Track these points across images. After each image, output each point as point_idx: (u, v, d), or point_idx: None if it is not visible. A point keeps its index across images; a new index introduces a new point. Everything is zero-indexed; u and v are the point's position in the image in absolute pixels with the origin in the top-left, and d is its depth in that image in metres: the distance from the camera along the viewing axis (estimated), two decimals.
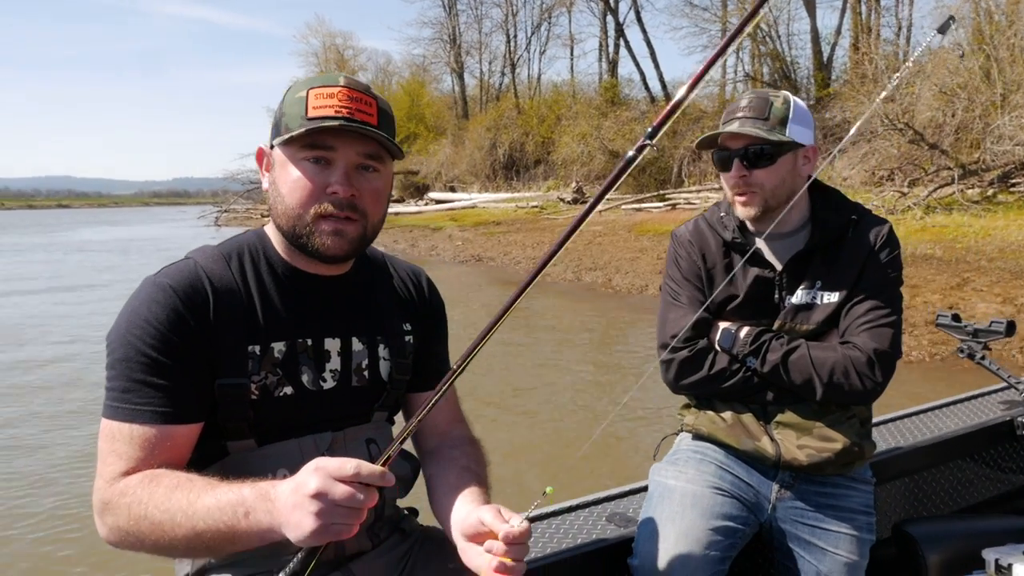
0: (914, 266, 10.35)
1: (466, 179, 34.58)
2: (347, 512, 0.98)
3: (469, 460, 1.37)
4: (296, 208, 1.20)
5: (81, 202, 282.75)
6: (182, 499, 1.06)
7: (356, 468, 0.97)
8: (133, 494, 1.09)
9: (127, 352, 1.14)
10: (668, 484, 1.82)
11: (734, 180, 1.77)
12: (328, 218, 1.20)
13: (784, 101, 1.77)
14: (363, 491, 0.98)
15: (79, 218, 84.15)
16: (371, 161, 1.23)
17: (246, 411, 1.20)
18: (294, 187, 1.20)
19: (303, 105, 1.19)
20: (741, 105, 1.79)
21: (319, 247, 1.22)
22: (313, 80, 1.22)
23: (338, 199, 1.20)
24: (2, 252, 27.77)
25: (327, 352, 1.29)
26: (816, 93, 23.56)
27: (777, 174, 1.75)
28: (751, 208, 1.78)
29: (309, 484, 0.97)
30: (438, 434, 1.44)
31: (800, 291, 1.79)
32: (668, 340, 1.85)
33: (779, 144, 1.73)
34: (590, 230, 18.54)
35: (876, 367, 1.69)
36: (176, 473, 1.11)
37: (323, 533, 0.98)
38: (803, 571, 1.79)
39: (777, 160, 1.75)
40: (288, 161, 1.21)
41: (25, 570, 3.88)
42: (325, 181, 1.20)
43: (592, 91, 34.18)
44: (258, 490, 1.03)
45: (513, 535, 1.06)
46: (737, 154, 1.76)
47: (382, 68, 51.66)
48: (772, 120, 1.74)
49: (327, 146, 1.19)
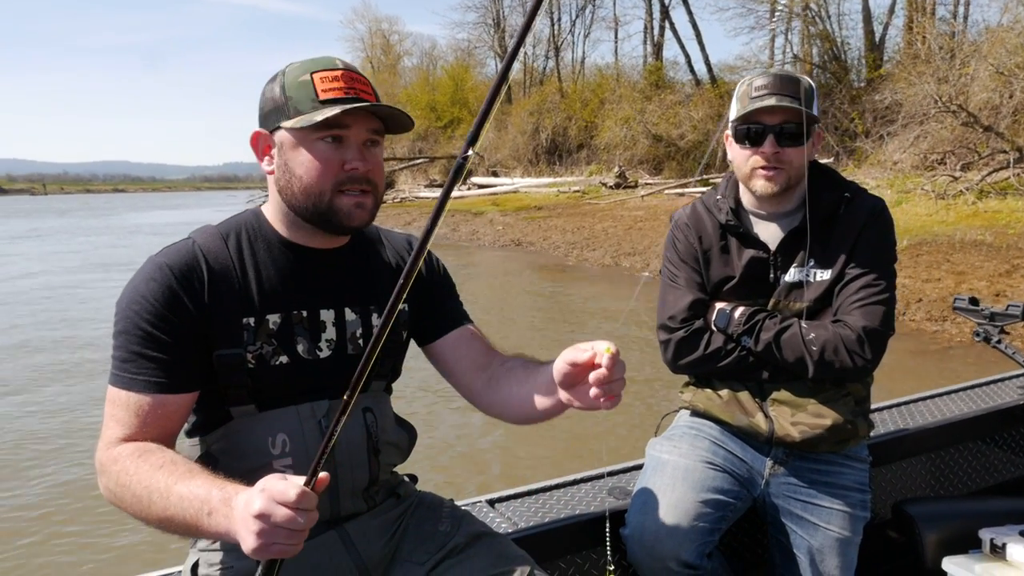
0: (962, 252, 10.09)
1: (509, 164, 34.59)
2: (288, 534, 1.02)
3: (518, 360, 1.46)
4: (316, 186, 1.28)
5: (136, 187, 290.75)
6: (161, 481, 1.13)
7: (298, 495, 1.01)
8: (123, 464, 1.18)
9: (127, 325, 1.25)
10: (662, 458, 1.89)
11: (767, 156, 1.76)
12: (346, 193, 1.29)
13: (809, 83, 1.80)
14: (303, 515, 1.02)
15: (135, 202, 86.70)
16: (377, 136, 1.32)
17: (244, 379, 1.30)
18: (311, 166, 1.28)
19: (311, 88, 1.26)
20: (770, 82, 1.77)
21: (343, 221, 1.30)
22: (311, 64, 1.29)
23: (357, 174, 1.29)
24: (76, 234, 28.79)
25: (323, 323, 1.37)
26: (867, 75, 22.91)
27: (804, 154, 1.78)
28: (775, 185, 1.78)
29: (253, 504, 1.02)
30: (480, 369, 1.50)
31: (793, 270, 1.82)
32: (666, 321, 1.91)
33: (810, 124, 1.75)
34: (631, 215, 18.44)
35: (866, 344, 1.72)
36: (165, 453, 1.20)
37: (263, 551, 1.03)
38: (796, 546, 1.85)
39: (805, 140, 1.77)
40: (299, 143, 1.28)
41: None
42: (342, 158, 1.28)
43: (636, 74, 33.79)
44: (224, 493, 1.08)
45: (612, 355, 1.14)
46: (773, 130, 1.76)
47: (427, 53, 51.97)
48: (802, 99, 1.75)
49: (344, 125, 1.27)
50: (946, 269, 9.34)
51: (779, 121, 1.76)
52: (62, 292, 12.88)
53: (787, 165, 1.77)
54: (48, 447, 5.39)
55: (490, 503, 1.96)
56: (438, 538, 1.44)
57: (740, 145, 1.82)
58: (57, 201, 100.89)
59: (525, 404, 1.38)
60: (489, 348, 1.53)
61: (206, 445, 1.34)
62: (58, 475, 4.86)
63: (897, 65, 20.43)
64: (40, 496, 4.58)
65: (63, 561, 3.87)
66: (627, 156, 27.54)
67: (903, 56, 20.23)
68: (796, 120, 1.75)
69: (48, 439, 5.54)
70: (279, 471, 1.29)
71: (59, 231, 31.32)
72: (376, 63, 54.47)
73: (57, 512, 4.35)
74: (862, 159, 18.68)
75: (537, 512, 1.91)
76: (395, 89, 48.25)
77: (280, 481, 1.03)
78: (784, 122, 1.76)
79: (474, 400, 1.51)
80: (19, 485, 4.74)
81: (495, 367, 1.48)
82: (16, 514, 4.36)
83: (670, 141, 26.26)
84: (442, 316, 1.53)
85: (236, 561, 1.32)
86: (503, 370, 1.46)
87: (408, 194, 32.95)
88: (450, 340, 1.51)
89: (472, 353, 1.51)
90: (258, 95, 1.34)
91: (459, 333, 1.52)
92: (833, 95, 21.98)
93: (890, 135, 18.05)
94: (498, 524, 1.84)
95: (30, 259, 19.09)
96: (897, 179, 15.41)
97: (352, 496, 1.39)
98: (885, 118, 18.71)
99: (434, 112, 42.45)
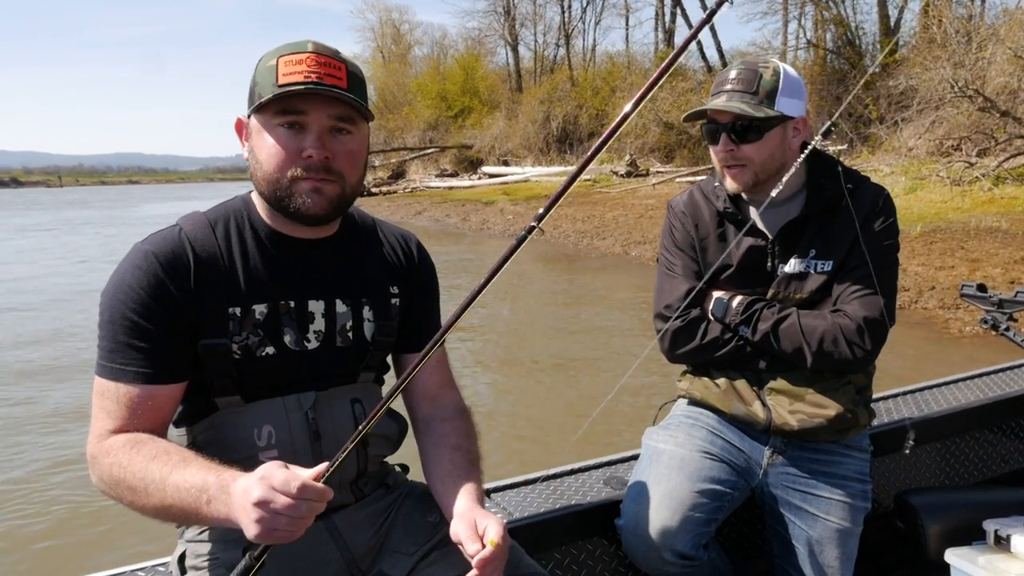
0: (977, 239, 9.96)
1: (519, 153, 34.45)
2: (288, 521, 1.03)
3: (460, 437, 1.44)
4: (273, 173, 1.25)
5: (150, 178, 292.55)
6: (156, 472, 1.13)
7: (300, 485, 1.03)
8: (115, 457, 1.17)
9: (112, 315, 1.23)
10: (658, 448, 1.86)
11: (722, 154, 1.77)
12: (305, 180, 1.25)
13: (774, 73, 1.74)
14: (304, 504, 1.03)
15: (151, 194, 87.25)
16: (343, 123, 1.26)
17: (229, 370, 1.28)
18: (270, 153, 1.24)
19: (274, 73, 1.23)
20: (730, 77, 1.77)
21: (299, 207, 1.26)
22: (283, 48, 1.26)
23: (312, 163, 1.24)
24: (109, 224, 28.99)
25: (311, 314, 1.35)
26: (882, 60, 22.59)
27: (766, 148, 1.74)
28: (739, 181, 1.78)
29: (253, 492, 1.02)
30: (428, 399, 1.50)
31: (794, 260, 1.79)
32: (662, 310, 1.88)
33: (766, 119, 1.72)
34: (642, 203, 18.34)
35: (866, 335, 1.69)
36: (157, 442, 1.19)
37: (264, 537, 1.04)
38: (794, 536, 1.82)
39: (765, 134, 1.73)
40: (263, 128, 1.25)
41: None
42: (299, 145, 1.24)
43: (647, 62, 33.53)
44: (221, 480, 1.09)
45: (484, 559, 1.17)
46: (724, 128, 1.75)
47: (437, 42, 51.73)
48: (760, 93, 1.72)
49: (298, 111, 1.23)
50: (960, 256, 9.22)
51: (730, 120, 1.74)
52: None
53: (747, 161, 1.75)
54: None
55: (486, 492, 1.95)
56: (427, 528, 1.43)
57: (708, 141, 1.83)
58: (74, 193, 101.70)
59: (435, 490, 1.40)
60: (445, 382, 1.53)
61: (192, 435, 1.33)
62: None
63: (913, 50, 20.13)
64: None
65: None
66: (638, 144, 27.37)
67: (919, 40, 19.91)
68: (747, 117, 1.71)
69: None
70: (264, 463, 1.29)
71: (90, 222, 31.51)
72: (387, 53, 54.40)
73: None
74: (876, 145, 18.45)
75: (533, 502, 1.90)
76: (406, 79, 48.16)
77: (281, 471, 1.05)
78: (735, 120, 1.73)
79: (411, 420, 1.52)
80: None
81: (437, 419, 1.48)
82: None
83: (682, 129, 26.03)
84: (421, 332, 1.50)
85: (223, 552, 1.31)
86: (439, 433, 1.45)
87: (419, 184, 32.96)
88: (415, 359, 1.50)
89: (430, 380, 1.50)
90: None
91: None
92: (847, 81, 21.71)
93: (905, 121, 17.81)
94: (493, 513, 1.82)
95: (81, 247, 19.27)
96: (912, 166, 15.23)
97: (340, 488, 1.37)
98: (900, 104, 18.46)
99: (444, 102, 42.30)
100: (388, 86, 48.59)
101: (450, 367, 1.58)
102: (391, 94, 47.74)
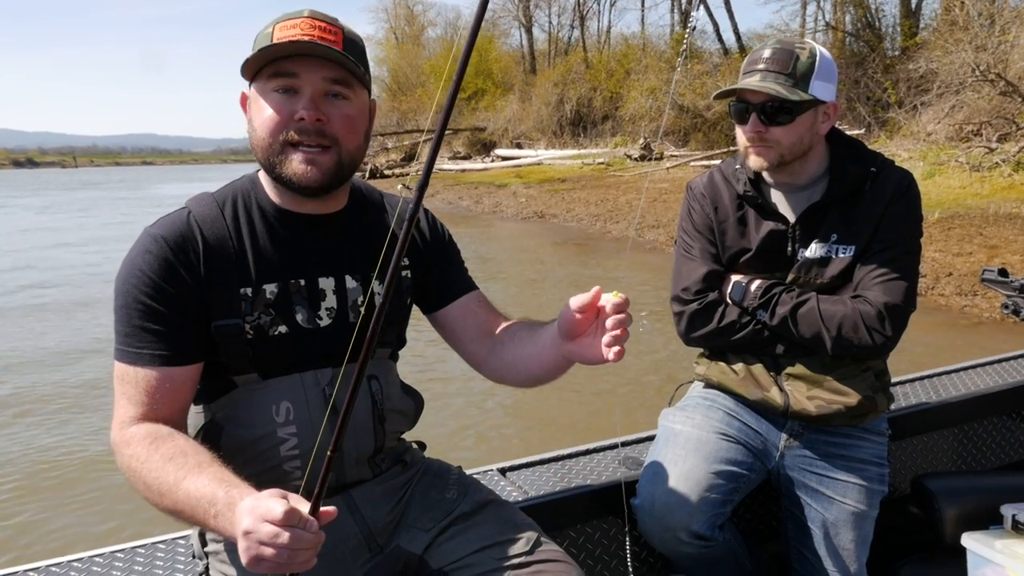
0: (996, 225, 9.85)
1: (532, 136, 34.29)
2: (275, 552, 0.98)
3: (521, 323, 1.45)
4: (266, 138, 1.24)
5: (164, 159, 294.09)
6: (171, 475, 1.12)
7: (284, 513, 0.97)
8: (134, 450, 1.18)
9: (126, 300, 1.24)
10: (675, 429, 1.86)
11: (750, 135, 1.74)
12: (298, 146, 1.23)
13: (810, 55, 1.70)
14: (290, 532, 0.97)
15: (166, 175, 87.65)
16: (339, 87, 1.24)
17: (244, 349, 1.29)
18: (264, 119, 1.23)
19: (269, 39, 1.22)
20: (764, 56, 1.72)
21: (291, 176, 1.24)
22: (279, 17, 1.26)
23: (305, 125, 1.21)
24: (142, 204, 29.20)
25: (322, 291, 1.35)
26: (902, 43, 22.25)
27: (795, 132, 1.71)
28: (764, 161, 1.75)
29: (242, 523, 1.00)
30: (485, 335, 1.47)
31: (815, 244, 1.77)
32: (680, 293, 1.87)
33: (799, 103, 1.69)
34: (656, 187, 18.22)
35: (886, 321, 1.67)
36: (176, 440, 1.18)
37: (252, 566, 1.00)
38: (810, 519, 1.82)
39: (797, 118, 1.70)
40: (259, 96, 1.25)
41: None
42: (292, 109, 1.22)
43: (663, 44, 33.20)
44: (229, 497, 1.07)
45: (618, 303, 1.14)
46: (755, 108, 1.71)
47: (451, 23, 51.49)
48: (796, 75, 1.68)
49: (290, 72, 1.21)
50: (978, 243, 9.12)
51: (762, 100, 1.70)
52: None
53: (775, 143, 1.71)
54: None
55: (501, 471, 1.96)
56: (444, 505, 1.44)
57: (735, 122, 1.79)
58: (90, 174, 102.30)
59: (530, 364, 1.36)
60: (494, 315, 1.51)
61: (211, 413, 1.34)
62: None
63: (933, 32, 19.81)
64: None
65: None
66: (652, 127, 27.16)
67: (940, 23, 19.57)
68: (780, 99, 1.68)
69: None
70: (283, 439, 1.30)
71: (122, 199, 31.72)
72: (400, 34, 54.17)
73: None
74: (894, 130, 18.21)
75: (548, 481, 1.91)
76: (419, 61, 47.92)
77: (264, 501, 1.00)
78: (767, 101, 1.70)
79: (480, 367, 1.49)
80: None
81: (499, 333, 1.46)
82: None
83: (697, 112, 25.80)
84: (447, 284, 1.51)
85: None
86: (507, 334, 1.44)
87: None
88: (455, 308, 1.49)
89: (477, 321, 1.48)
90: None
91: (465, 301, 1.50)
92: (866, 64, 21.40)
93: (924, 105, 17.55)
94: (508, 492, 1.83)
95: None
96: (930, 151, 15.02)
97: (357, 464, 1.39)
98: (920, 87, 18.18)
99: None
100: (401, 68, 48.42)
101: (490, 303, 1.54)
102: (404, 76, 47.57)
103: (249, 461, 1.30)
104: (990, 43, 15.86)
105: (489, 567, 1.34)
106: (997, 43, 15.69)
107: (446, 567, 1.36)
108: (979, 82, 15.12)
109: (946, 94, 16.73)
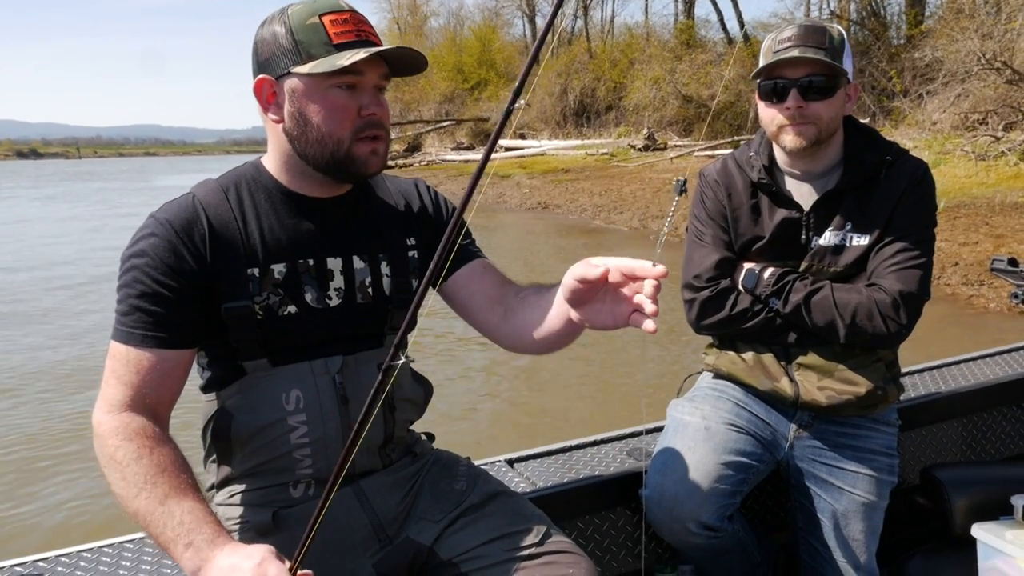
0: (1002, 214, 9.80)
1: (536, 126, 34.20)
2: None
3: (532, 288, 1.42)
4: (335, 134, 1.26)
5: (166, 150, 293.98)
6: (160, 486, 1.12)
7: (257, 571, 1.00)
8: (115, 448, 1.17)
9: (128, 279, 1.24)
10: (684, 419, 1.85)
11: (790, 111, 1.69)
12: (364, 140, 1.28)
13: (839, 32, 1.70)
14: None
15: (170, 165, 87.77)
16: (386, 81, 1.31)
17: (254, 331, 1.28)
18: (329, 114, 1.25)
19: (322, 31, 1.23)
20: (797, 33, 1.68)
21: (360, 169, 1.29)
22: (316, 7, 1.25)
23: (375, 119, 1.28)
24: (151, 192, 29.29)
25: (330, 271, 1.35)
26: (907, 31, 22.11)
27: (834, 107, 1.70)
28: (803, 140, 1.70)
29: (212, 573, 1.02)
30: (495, 302, 1.45)
31: (829, 233, 1.75)
32: (691, 280, 1.86)
33: (837, 76, 1.67)
34: (659, 177, 18.17)
35: (901, 309, 1.66)
36: (163, 448, 1.18)
37: None
38: (819, 510, 1.81)
39: (835, 92, 1.69)
40: (314, 89, 1.25)
41: None
42: (358, 103, 1.26)
43: (667, 33, 33.02)
44: (205, 535, 1.07)
45: (659, 273, 1.11)
46: (795, 84, 1.68)
47: (454, 13, 51.49)
48: (833, 49, 1.67)
49: (359, 71, 1.24)
50: (984, 232, 9.08)
51: (803, 74, 1.68)
52: None
53: (815, 119, 1.69)
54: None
55: (509, 462, 1.95)
56: (453, 496, 1.43)
57: (766, 102, 1.75)
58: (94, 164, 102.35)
59: (541, 329, 1.34)
60: (503, 280, 1.49)
61: (221, 400, 1.34)
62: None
63: (939, 21, 19.67)
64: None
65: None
66: (656, 117, 27.06)
67: (945, 11, 19.43)
68: (822, 72, 1.67)
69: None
70: (293, 427, 1.30)
71: (130, 189, 31.87)
72: (403, 24, 53.92)
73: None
74: (899, 119, 18.12)
75: (556, 472, 1.90)
76: (422, 50, 47.66)
77: (235, 557, 1.02)
78: (809, 75, 1.67)
79: (491, 335, 1.48)
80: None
81: (510, 299, 1.44)
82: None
83: (701, 102, 25.70)
84: (461, 248, 1.48)
85: (253, 515, 1.33)
86: (517, 300, 1.42)
87: (435, 157, 32.79)
88: (462, 276, 1.47)
89: (485, 287, 1.47)
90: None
91: (470, 268, 1.47)
92: (871, 53, 21.27)
93: (929, 94, 17.45)
94: (516, 484, 1.83)
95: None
96: (936, 140, 14.95)
97: (367, 453, 1.38)
98: (925, 76, 18.08)
99: (461, 74, 41.96)
100: None
101: (498, 270, 1.52)
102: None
103: (259, 449, 1.30)
104: (996, 31, 15.75)
105: (499, 558, 1.33)
106: (1003, 31, 15.58)
107: (455, 558, 1.36)
108: (985, 70, 15.02)
109: (952, 83, 16.63)
